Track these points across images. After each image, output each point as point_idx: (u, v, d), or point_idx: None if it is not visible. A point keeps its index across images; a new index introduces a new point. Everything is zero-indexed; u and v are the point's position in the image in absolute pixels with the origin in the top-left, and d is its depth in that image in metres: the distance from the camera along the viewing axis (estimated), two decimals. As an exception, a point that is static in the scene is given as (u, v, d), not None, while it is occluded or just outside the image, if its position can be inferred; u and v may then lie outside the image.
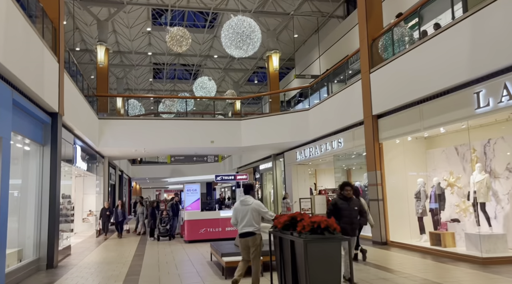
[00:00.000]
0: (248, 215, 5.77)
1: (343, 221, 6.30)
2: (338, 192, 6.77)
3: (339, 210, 6.41)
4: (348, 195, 6.48)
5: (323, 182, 18.88)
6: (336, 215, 6.28)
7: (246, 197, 6.02)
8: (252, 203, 5.85)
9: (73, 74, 12.14)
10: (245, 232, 5.79)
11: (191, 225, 12.68)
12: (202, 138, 16.41)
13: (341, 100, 12.75)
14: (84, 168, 14.49)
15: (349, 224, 6.38)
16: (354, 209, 6.48)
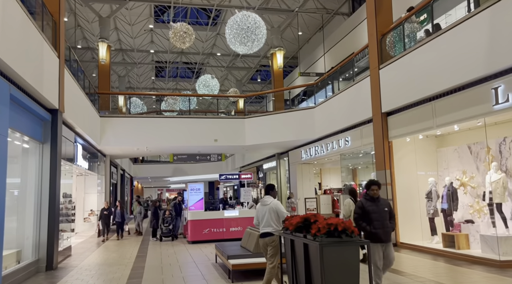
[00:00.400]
0: (266, 215, 5.77)
1: (374, 225, 5.47)
2: (364, 193, 5.84)
3: (367, 214, 5.53)
4: (375, 195, 5.62)
5: (328, 182, 18.57)
6: (365, 220, 5.53)
7: (266, 197, 6.00)
8: (270, 203, 5.83)
9: (74, 72, 11.87)
10: (264, 232, 5.79)
11: (194, 225, 12.40)
12: (205, 137, 16.12)
13: (348, 98, 12.43)
14: (85, 167, 14.22)
15: (381, 228, 5.48)
16: (384, 211, 5.57)
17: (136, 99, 25.77)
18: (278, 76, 20.28)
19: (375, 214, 5.51)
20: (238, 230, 12.60)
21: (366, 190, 5.77)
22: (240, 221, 12.67)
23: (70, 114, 10.12)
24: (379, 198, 5.66)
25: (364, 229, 5.50)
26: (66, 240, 10.86)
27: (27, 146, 8.39)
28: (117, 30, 23.73)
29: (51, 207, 8.60)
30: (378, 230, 5.44)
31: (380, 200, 5.66)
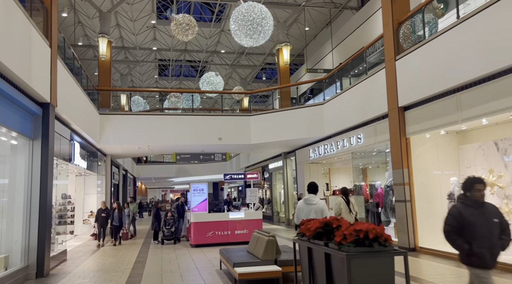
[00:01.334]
0: (311, 215, 5.53)
1: (478, 243, 3.78)
2: (461, 196, 4.09)
3: (468, 226, 3.82)
4: (481, 199, 3.92)
5: (337, 182, 17.81)
6: (464, 234, 3.85)
7: (310, 196, 5.82)
8: (317, 203, 5.68)
9: (71, 66, 11.23)
10: None
11: (198, 228, 11.71)
12: (210, 135, 15.43)
13: (361, 92, 11.70)
14: (84, 166, 13.58)
15: (489, 247, 3.79)
16: (493, 222, 3.84)
17: (138, 97, 25.14)
18: (284, 72, 19.56)
19: (481, 228, 3.81)
20: (244, 233, 11.90)
21: (464, 193, 4.04)
22: (246, 224, 11.97)
23: (64, 109, 9.47)
24: (485, 204, 3.95)
25: (461, 248, 3.88)
26: (61, 244, 10.21)
27: (15, 143, 7.74)
28: (119, 27, 23.14)
29: (42, 209, 7.92)
30: (484, 251, 3.78)
31: (486, 206, 3.95)
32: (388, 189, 11.62)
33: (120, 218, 12.86)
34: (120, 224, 12.91)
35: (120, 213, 12.91)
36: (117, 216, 12.81)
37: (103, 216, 12.66)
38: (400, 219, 9.72)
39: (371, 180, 15.10)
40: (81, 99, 11.85)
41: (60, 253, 9.90)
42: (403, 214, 9.55)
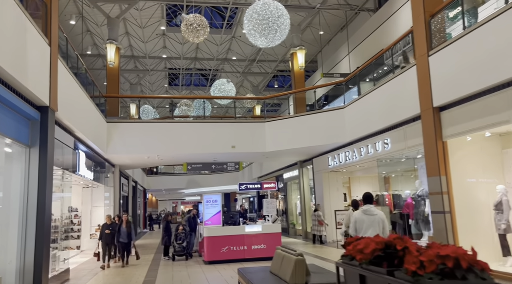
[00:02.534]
0: (374, 226, 5.40)
1: None
2: None
3: None
4: None
5: (357, 192, 16.76)
6: None
7: (369, 206, 5.66)
8: (378, 213, 5.57)
9: (75, 71, 10.53)
10: None
11: (211, 243, 10.78)
12: (222, 143, 14.59)
13: (387, 93, 10.76)
14: (90, 177, 12.81)
15: None
16: None
17: (148, 106, 24.54)
18: (299, 77, 18.72)
19: None
20: (262, 248, 10.93)
21: None
22: (263, 238, 11.01)
23: (66, 114, 8.71)
24: None
25: None
26: (63, 262, 9.36)
27: (10, 150, 6.96)
28: (128, 35, 22.64)
29: (40, 224, 7.10)
30: None
31: None
32: (419, 199, 10.59)
33: (129, 233, 11.07)
34: (129, 240, 11.13)
35: (129, 228, 11.15)
36: (125, 231, 11.03)
37: (108, 232, 11.00)
38: (437, 232, 8.67)
39: (399, 189, 14.05)
40: (86, 105, 11.12)
41: (62, 272, 9.06)
42: (441, 227, 8.51)
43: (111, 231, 10.97)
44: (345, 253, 3.54)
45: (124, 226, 11.08)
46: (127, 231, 11.03)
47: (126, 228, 11.07)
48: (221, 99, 17.68)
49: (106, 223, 11.23)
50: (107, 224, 11.19)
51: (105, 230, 11.00)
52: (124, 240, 10.98)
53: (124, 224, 11.12)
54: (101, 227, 11.46)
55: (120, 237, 10.94)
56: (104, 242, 10.99)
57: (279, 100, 33.74)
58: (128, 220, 11.23)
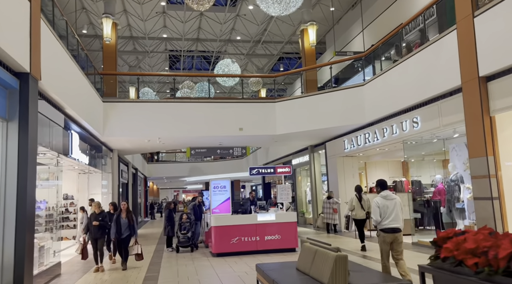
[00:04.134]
0: (395, 209, 5.88)
1: None
2: None
3: None
4: None
5: (374, 178, 15.61)
6: None
7: (387, 192, 6.08)
8: (396, 197, 6.03)
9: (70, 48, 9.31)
10: (395, 227, 5.89)
11: (220, 233, 9.68)
12: (229, 125, 13.42)
13: (417, 65, 9.53)
14: (85, 162, 11.68)
15: None
16: None
17: (148, 89, 23.30)
18: (310, 56, 17.45)
19: None
20: (276, 239, 9.83)
21: None
22: (277, 228, 9.91)
23: (53, 86, 7.53)
24: None
25: None
26: (54, 255, 8.27)
27: (-18, 124, 5.80)
28: (126, 13, 21.27)
29: (21, 212, 5.96)
30: None
31: None
32: (453, 184, 9.45)
33: (131, 225, 8.62)
34: (130, 234, 8.63)
35: (131, 219, 8.66)
36: (125, 223, 8.59)
37: (96, 224, 8.45)
38: (482, 222, 7.55)
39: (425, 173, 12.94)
40: (78, 79, 9.92)
41: (53, 266, 7.98)
42: (487, 215, 7.38)
43: (101, 223, 8.55)
44: (442, 254, 2.39)
45: (124, 217, 8.63)
46: (128, 223, 8.61)
47: (127, 219, 8.63)
48: (227, 77, 16.37)
49: (94, 213, 8.66)
50: (96, 213, 8.63)
51: (93, 222, 8.50)
52: (123, 235, 8.58)
53: (124, 214, 8.65)
54: (89, 217, 8.92)
55: (120, 231, 8.54)
56: (92, 237, 8.58)
57: (285, 85, 32.49)
58: (128, 208, 8.81)
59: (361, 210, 10.06)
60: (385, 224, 5.82)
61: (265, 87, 27.66)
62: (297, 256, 9.25)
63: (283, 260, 8.80)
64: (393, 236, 5.80)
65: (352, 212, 10.28)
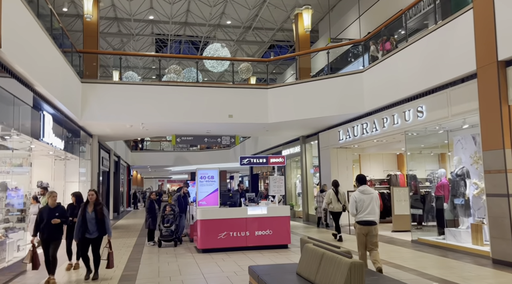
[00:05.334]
0: (372, 203, 6.11)
1: None
2: None
3: None
4: None
5: (368, 171, 15.01)
6: None
7: (365, 187, 6.27)
8: (374, 192, 6.26)
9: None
10: (370, 220, 6.09)
11: (206, 228, 8.87)
12: (218, 112, 12.57)
13: (424, 50, 8.81)
14: (60, 147, 10.69)
15: None
16: None
17: (133, 73, 22.17)
18: (304, 41, 16.64)
19: None
20: (267, 234, 9.09)
21: None
22: (269, 222, 9.15)
23: (19, 58, 6.55)
24: None
25: None
26: (17, 250, 7.35)
27: None
28: (109, -8, 20.06)
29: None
30: None
31: None
32: (458, 179, 8.82)
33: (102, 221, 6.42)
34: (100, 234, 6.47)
35: (100, 213, 6.42)
36: (93, 219, 6.37)
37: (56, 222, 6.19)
38: (494, 220, 6.93)
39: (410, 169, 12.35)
40: (52, 55, 8.91)
41: (17, 262, 7.06)
42: (501, 213, 6.75)
43: (60, 219, 6.26)
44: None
45: (91, 211, 6.38)
46: (98, 218, 6.36)
47: (96, 213, 6.37)
48: (216, 60, 15.44)
49: (47, 207, 6.32)
50: (49, 207, 6.29)
51: (52, 220, 6.16)
52: (92, 235, 6.39)
53: (91, 208, 6.41)
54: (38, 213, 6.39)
55: (87, 230, 6.35)
56: (43, 239, 6.23)
57: (275, 74, 31.62)
58: (97, 199, 6.52)
59: (337, 203, 10.64)
60: (360, 217, 6.10)
61: (255, 75, 26.77)
62: (290, 253, 8.61)
63: (276, 258, 8.07)
64: (368, 228, 6.08)
65: (329, 205, 10.77)
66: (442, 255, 7.95)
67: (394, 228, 11.71)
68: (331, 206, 10.73)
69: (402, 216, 11.67)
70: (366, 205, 6.06)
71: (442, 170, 9.74)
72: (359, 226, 6.12)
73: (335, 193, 10.70)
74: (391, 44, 11.02)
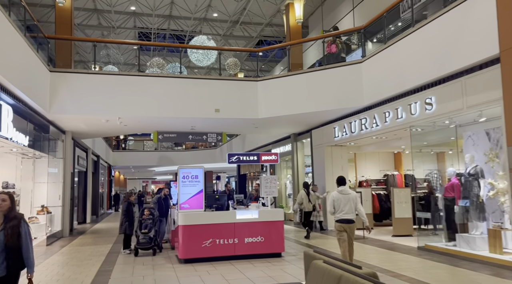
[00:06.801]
0: (349, 204, 6.36)
1: None
2: None
3: None
4: None
5: (363, 171, 14.11)
6: None
7: (344, 187, 6.53)
8: (351, 193, 6.52)
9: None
10: (347, 218, 6.37)
11: (189, 234, 7.77)
12: (203, 105, 11.51)
13: (433, 35, 7.90)
14: (24, 143, 9.45)
15: None
16: None
17: (113, 67, 20.93)
18: (295, 33, 15.72)
19: None
20: (258, 241, 8.04)
21: None
22: (260, 228, 8.11)
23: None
24: None
25: None
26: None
27: None
28: (88, -21, 18.78)
29: None
30: None
31: None
32: (471, 179, 7.93)
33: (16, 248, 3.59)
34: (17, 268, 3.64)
35: (15, 233, 3.57)
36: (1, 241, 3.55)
37: None
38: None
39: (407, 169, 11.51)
40: (10, 37, 7.70)
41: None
42: (530, 218, 5.84)
43: None
44: None
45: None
46: (8, 242, 3.56)
47: (6, 233, 3.56)
48: (203, 49, 14.35)
49: None
50: None
51: None
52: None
53: None
54: None
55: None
56: None
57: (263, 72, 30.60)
58: (12, 210, 3.70)
59: (308, 204, 11.39)
60: (338, 216, 6.40)
61: (242, 72, 25.73)
62: (284, 264, 7.49)
63: (269, 269, 7.03)
64: (346, 226, 6.35)
65: (301, 205, 11.43)
66: (456, 265, 7.02)
67: (394, 232, 10.79)
68: (302, 206, 11.40)
69: (403, 219, 10.78)
70: (343, 204, 6.35)
71: (452, 169, 8.85)
72: (338, 224, 6.41)
73: (307, 194, 11.43)
74: (337, 46, 11.51)
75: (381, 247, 9.13)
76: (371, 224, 12.20)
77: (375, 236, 10.96)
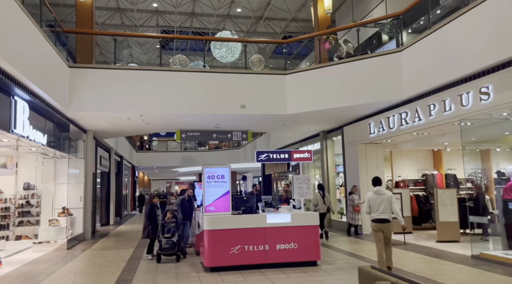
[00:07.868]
0: (384, 203, 6.46)
1: None
2: None
3: None
4: None
5: (400, 170, 13.11)
6: None
7: (379, 187, 6.65)
8: (387, 193, 6.61)
9: None
10: (383, 218, 6.46)
11: (215, 240, 7.07)
12: (228, 101, 10.84)
13: (490, 14, 6.92)
14: (42, 142, 9.00)
15: None
16: None
17: (135, 65, 20.51)
18: (324, 25, 14.84)
19: None
20: (291, 248, 7.26)
21: None
22: (294, 233, 7.32)
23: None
24: None
25: None
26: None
27: None
28: (110, -23, 18.48)
29: None
30: None
31: None
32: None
33: None
34: None
35: None
36: None
37: None
38: None
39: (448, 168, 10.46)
40: (27, 30, 7.22)
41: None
42: None
43: None
44: None
45: None
46: None
47: None
48: (228, 41, 13.67)
49: None
50: None
51: None
52: None
53: None
54: None
55: None
56: None
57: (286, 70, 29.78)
58: None
59: (323, 205, 11.40)
60: (374, 216, 6.51)
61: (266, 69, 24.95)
62: (321, 274, 6.55)
63: (306, 280, 6.24)
64: (382, 226, 6.45)
65: (316, 207, 11.38)
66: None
67: (439, 237, 9.79)
68: (317, 207, 11.36)
69: (449, 223, 9.77)
70: (378, 204, 6.45)
71: (510, 167, 7.83)
72: (374, 223, 6.50)
73: (322, 196, 11.47)
74: (330, 43, 11.43)
75: (428, 255, 8.18)
76: (410, 228, 11.27)
77: (416, 241, 10.00)
